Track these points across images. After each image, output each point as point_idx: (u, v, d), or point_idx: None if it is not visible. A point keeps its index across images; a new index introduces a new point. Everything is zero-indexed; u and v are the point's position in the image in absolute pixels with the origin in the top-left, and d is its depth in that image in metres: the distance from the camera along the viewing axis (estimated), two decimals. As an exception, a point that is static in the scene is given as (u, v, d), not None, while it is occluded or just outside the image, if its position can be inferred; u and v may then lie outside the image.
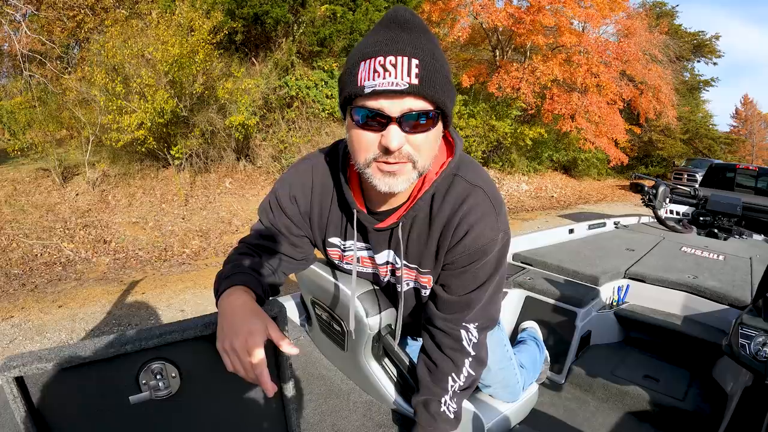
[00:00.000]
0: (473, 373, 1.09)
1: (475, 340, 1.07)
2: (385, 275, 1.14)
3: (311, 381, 1.33)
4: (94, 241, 6.50)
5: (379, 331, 1.14)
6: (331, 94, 9.88)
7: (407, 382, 1.20)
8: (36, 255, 5.96)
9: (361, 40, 0.84)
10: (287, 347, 0.84)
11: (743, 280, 2.59)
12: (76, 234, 6.54)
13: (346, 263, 1.16)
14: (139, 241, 6.73)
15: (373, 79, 0.78)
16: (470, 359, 1.08)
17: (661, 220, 3.93)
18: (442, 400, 1.08)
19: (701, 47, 24.88)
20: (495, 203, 0.98)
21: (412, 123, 0.81)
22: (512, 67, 13.95)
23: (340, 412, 1.24)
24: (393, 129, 0.81)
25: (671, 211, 4.73)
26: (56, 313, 4.38)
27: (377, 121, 0.81)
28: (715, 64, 28.27)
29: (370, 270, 1.16)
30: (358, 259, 1.12)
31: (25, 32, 8.96)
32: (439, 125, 0.87)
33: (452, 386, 1.08)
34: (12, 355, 0.77)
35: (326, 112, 9.85)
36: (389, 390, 1.22)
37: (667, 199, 4.18)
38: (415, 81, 0.77)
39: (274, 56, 9.59)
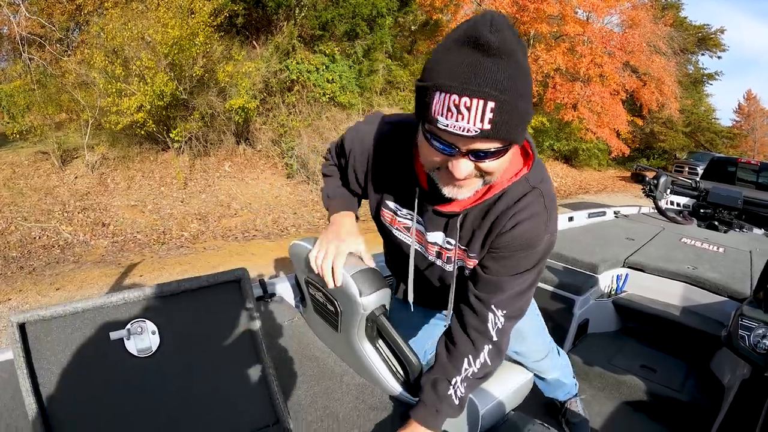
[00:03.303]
0: (489, 363, 1.09)
1: (500, 326, 1.07)
2: (431, 254, 1.16)
3: (304, 362, 1.32)
4: (93, 224, 6.49)
5: (373, 312, 1.12)
6: (332, 79, 9.81)
7: (401, 364, 1.19)
8: (34, 238, 5.95)
9: (441, 54, 0.79)
10: (368, 261, 1.14)
11: (743, 273, 2.58)
12: (75, 217, 6.53)
13: (396, 228, 1.19)
14: (137, 224, 6.72)
15: (446, 118, 0.77)
16: (490, 346, 1.08)
17: (661, 211, 3.92)
18: (453, 381, 1.08)
19: (706, 40, 24.66)
20: (549, 206, 1.03)
21: (480, 156, 0.82)
22: (515, 55, 13.83)
23: (333, 394, 1.23)
24: (461, 162, 0.83)
25: (672, 203, 4.72)
26: (54, 296, 4.38)
27: (446, 148, 0.82)
28: (719, 57, 28.03)
29: (416, 246, 1.18)
30: (409, 229, 1.15)
31: (25, 15, 8.86)
32: (511, 149, 0.87)
33: (466, 370, 1.08)
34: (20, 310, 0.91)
35: (327, 96, 9.79)
36: (382, 372, 1.20)
37: (668, 190, 4.17)
38: (487, 126, 0.76)
39: (275, 40, 9.51)
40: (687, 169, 16.31)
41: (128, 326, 1.03)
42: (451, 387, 1.08)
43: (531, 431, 1.34)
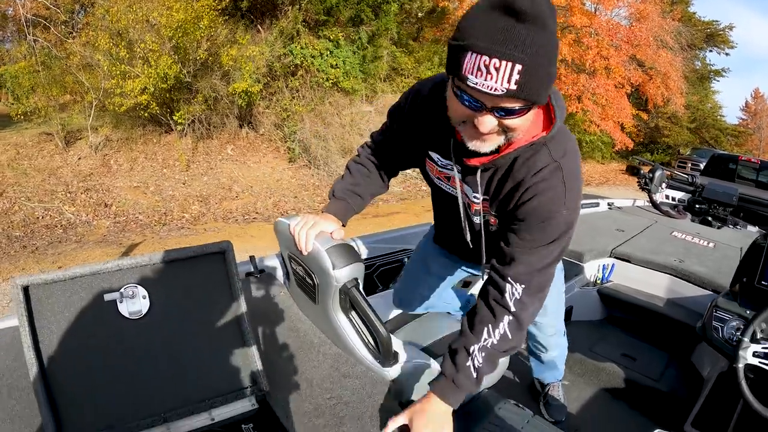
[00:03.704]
0: (509, 336, 1.09)
1: (518, 297, 1.07)
2: (467, 203, 1.23)
3: (286, 333, 1.39)
4: (95, 205, 6.56)
5: (345, 284, 1.17)
6: (336, 64, 9.80)
7: (371, 334, 1.25)
8: (37, 218, 6.03)
9: (475, 16, 0.84)
10: (337, 234, 1.20)
11: (730, 268, 2.56)
12: (78, 197, 6.60)
13: (437, 178, 1.26)
14: (139, 205, 6.79)
15: (475, 76, 0.82)
16: (510, 317, 1.08)
17: (655, 204, 3.92)
18: (471, 350, 1.08)
19: (714, 37, 24.29)
20: (567, 181, 1.04)
21: (504, 113, 0.88)
22: (521, 46, 13.75)
23: (310, 362, 1.30)
24: (486, 118, 0.89)
25: (667, 197, 4.73)
26: (56, 273, 4.45)
27: (473, 104, 0.88)
28: (727, 54, 27.48)
29: (459, 196, 1.22)
30: (449, 178, 1.22)
31: (30, -4, 8.88)
32: (534, 109, 0.92)
33: (485, 339, 1.09)
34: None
35: (330, 81, 9.79)
36: (354, 342, 1.26)
37: (664, 184, 4.17)
38: (513, 87, 0.81)
39: (280, 24, 9.49)
40: (690, 165, 16.22)
41: (121, 290, 1.13)
42: (470, 357, 1.08)
43: (502, 409, 1.38)
